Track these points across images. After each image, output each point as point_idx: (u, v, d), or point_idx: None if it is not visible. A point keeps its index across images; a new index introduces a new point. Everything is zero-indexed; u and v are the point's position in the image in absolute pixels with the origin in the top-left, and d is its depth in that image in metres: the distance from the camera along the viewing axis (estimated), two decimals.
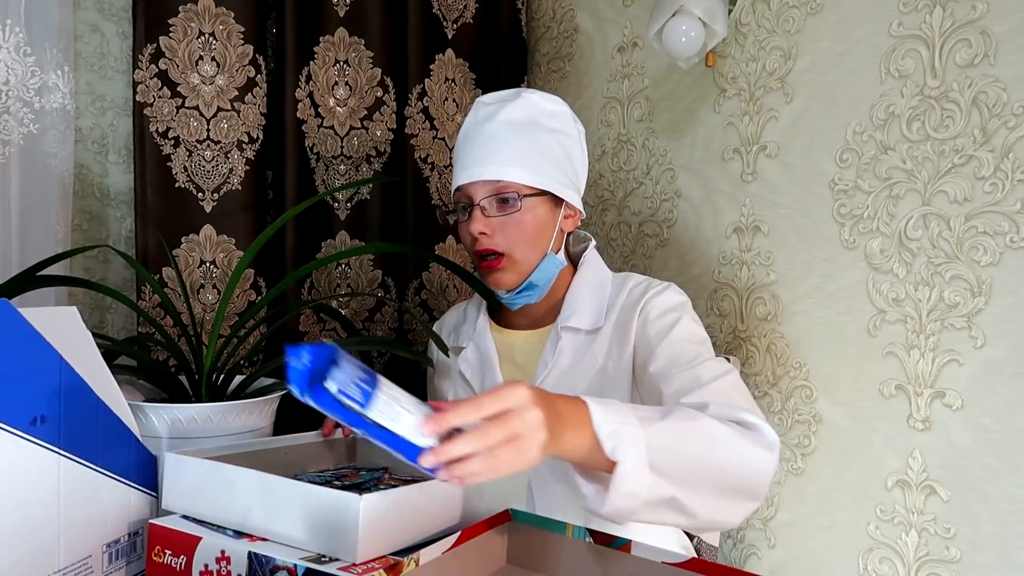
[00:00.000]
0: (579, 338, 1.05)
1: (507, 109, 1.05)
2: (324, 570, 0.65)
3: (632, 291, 1.06)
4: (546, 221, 1.05)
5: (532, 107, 1.05)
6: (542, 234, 1.05)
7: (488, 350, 1.12)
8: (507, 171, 1.02)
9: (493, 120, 1.05)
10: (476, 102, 1.10)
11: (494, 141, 1.04)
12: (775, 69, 1.16)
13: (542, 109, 1.06)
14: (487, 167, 1.03)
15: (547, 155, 1.05)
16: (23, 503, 0.67)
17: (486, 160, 1.03)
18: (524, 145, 1.03)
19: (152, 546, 0.77)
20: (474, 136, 1.06)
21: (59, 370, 0.70)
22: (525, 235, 1.03)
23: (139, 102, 1.27)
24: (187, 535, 0.75)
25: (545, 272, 1.06)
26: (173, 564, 0.76)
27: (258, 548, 0.70)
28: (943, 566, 0.96)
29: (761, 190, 1.18)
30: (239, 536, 0.74)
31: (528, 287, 1.05)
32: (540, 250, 1.05)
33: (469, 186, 1.04)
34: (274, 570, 0.68)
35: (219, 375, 1.08)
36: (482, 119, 1.06)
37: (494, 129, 1.04)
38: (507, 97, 1.07)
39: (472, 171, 1.04)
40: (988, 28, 0.91)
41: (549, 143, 1.05)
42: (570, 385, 1.03)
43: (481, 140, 1.05)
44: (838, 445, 1.08)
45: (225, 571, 0.72)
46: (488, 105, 1.07)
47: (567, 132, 1.07)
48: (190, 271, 1.33)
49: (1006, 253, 0.90)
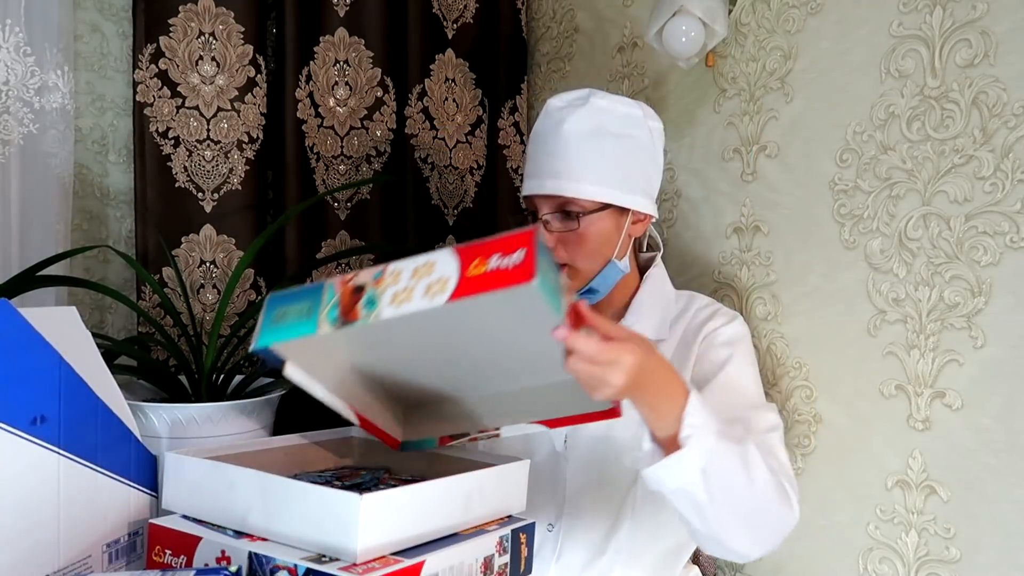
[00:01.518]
0: None
1: (574, 117, 1.02)
2: (325, 570, 0.65)
3: (698, 313, 1.07)
4: (610, 232, 1.04)
5: (600, 113, 1.03)
6: (606, 245, 1.04)
7: None
8: (570, 186, 1.01)
9: (560, 129, 1.03)
10: (547, 103, 1.07)
11: (559, 152, 1.02)
12: (775, 69, 1.16)
13: (611, 114, 1.03)
14: (550, 180, 1.02)
15: (614, 164, 1.03)
16: (23, 503, 0.67)
17: (550, 172, 1.02)
18: (590, 157, 1.01)
19: (152, 546, 0.77)
20: (541, 144, 1.05)
21: (59, 370, 0.70)
22: (587, 248, 1.03)
23: (139, 102, 1.27)
24: (187, 535, 0.75)
25: (607, 278, 1.06)
26: (173, 564, 0.76)
27: (258, 548, 0.70)
28: (943, 566, 0.96)
29: (761, 190, 1.19)
30: (239, 536, 0.74)
31: (588, 291, 1.06)
32: (603, 259, 1.05)
33: (534, 197, 1.05)
34: (274, 570, 0.68)
35: (219, 375, 1.08)
36: (550, 127, 1.04)
37: (560, 139, 1.02)
38: (576, 101, 1.04)
39: (536, 182, 1.04)
40: (988, 28, 0.91)
41: (617, 150, 1.03)
42: None
43: (548, 149, 1.04)
44: (838, 445, 1.08)
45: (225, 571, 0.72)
46: (558, 110, 1.05)
47: (637, 136, 1.04)
48: (190, 271, 1.33)
49: (1006, 253, 0.90)
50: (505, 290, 0.63)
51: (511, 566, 0.83)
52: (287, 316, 0.75)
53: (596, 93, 1.05)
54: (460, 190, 1.61)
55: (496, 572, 0.81)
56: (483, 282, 0.65)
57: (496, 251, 0.66)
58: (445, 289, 0.66)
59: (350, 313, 0.71)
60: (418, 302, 0.67)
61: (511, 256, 0.65)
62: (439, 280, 0.67)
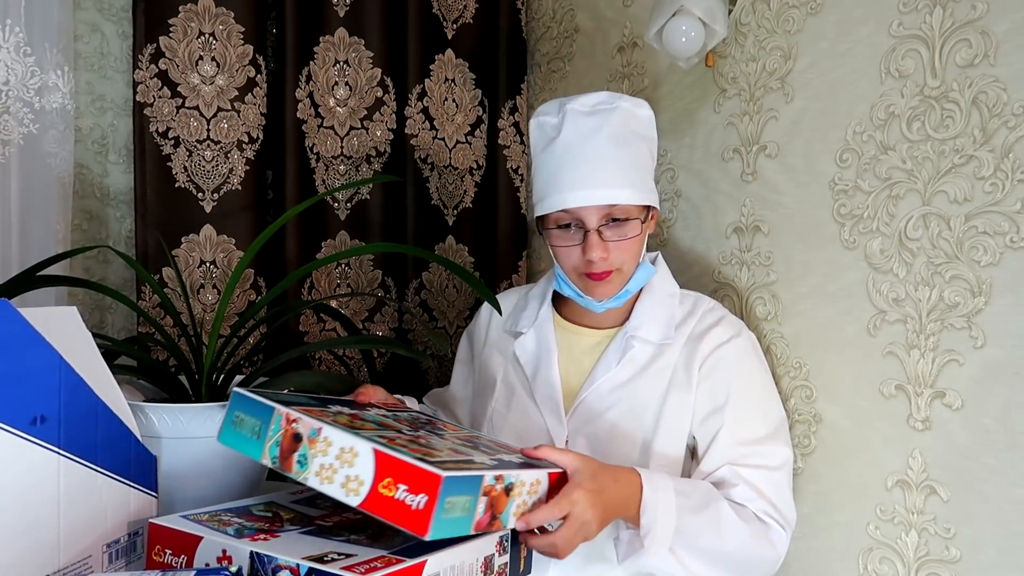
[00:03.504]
0: (648, 350, 1.07)
1: (610, 123, 1.02)
2: (327, 570, 0.65)
3: (704, 317, 1.08)
4: (644, 233, 1.07)
5: (630, 117, 1.04)
6: (642, 246, 1.07)
7: (549, 342, 1.14)
8: (620, 193, 1.01)
9: (598, 136, 1.01)
10: (567, 111, 1.05)
11: (604, 160, 1.01)
12: (775, 69, 1.16)
13: (637, 118, 1.05)
14: (599, 190, 1.01)
15: (644, 166, 1.06)
16: (23, 503, 0.67)
17: (597, 182, 1.01)
18: (628, 162, 1.03)
19: (152, 545, 0.77)
20: (576, 152, 1.03)
21: (59, 370, 0.70)
22: (633, 252, 1.05)
23: (139, 102, 1.27)
24: (188, 535, 0.75)
25: (638, 280, 1.08)
26: (174, 564, 0.75)
27: (260, 548, 0.71)
28: (943, 566, 0.96)
29: (761, 190, 1.19)
30: (240, 536, 0.74)
31: (624, 294, 1.07)
32: (638, 260, 1.07)
33: (580, 210, 1.02)
34: (276, 570, 0.68)
35: (219, 375, 1.08)
36: (584, 134, 1.03)
37: (598, 146, 1.01)
38: (603, 107, 1.03)
39: (582, 194, 1.01)
40: (988, 28, 0.91)
41: (644, 153, 1.06)
42: (630, 396, 1.06)
43: (586, 158, 1.02)
44: (838, 445, 1.08)
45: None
46: (588, 116, 1.03)
47: (653, 137, 1.08)
48: (190, 271, 1.33)
49: (1006, 253, 0.90)
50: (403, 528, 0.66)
51: (511, 566, 0.83)
52: (243, 425, 0.79)
53: (617, 96, 1.05)
54: (460, 190, 1.61)
55: (496, 572, 0.81)
56: (387, 508, 0.67)
57: (405, 481, 0.67)
58: (359, 492, 0.69)
59: (286, 460, 0.75)
60: (337, 490, 0.70)
61: (416, 497, 0.67)
62: (356, 478, 0.70)
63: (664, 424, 1.03)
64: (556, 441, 1.07)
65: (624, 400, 1.06)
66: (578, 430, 1.07)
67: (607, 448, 1.04)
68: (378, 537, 0.77)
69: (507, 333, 1.20)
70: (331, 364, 1.46)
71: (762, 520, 0.99)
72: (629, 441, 1.04)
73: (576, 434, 1.07)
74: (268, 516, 0.84)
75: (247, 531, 0.77)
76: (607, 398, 1.06)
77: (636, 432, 1.04)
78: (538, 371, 1.13)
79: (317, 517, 0.85)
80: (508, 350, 1.18)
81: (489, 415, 1.17)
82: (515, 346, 1.16)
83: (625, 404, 1.05)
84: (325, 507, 0.89)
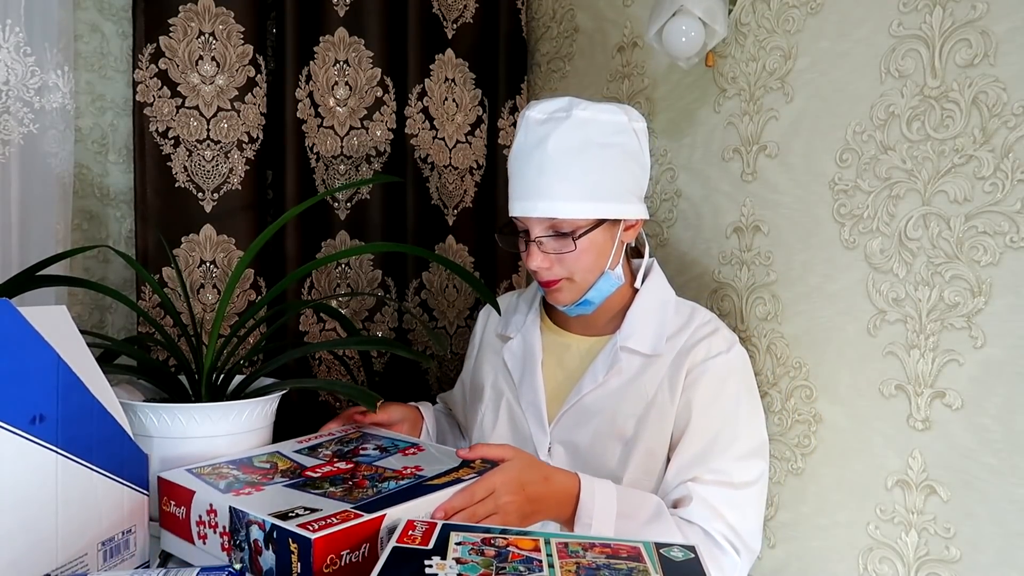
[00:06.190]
0: (636, 361, 1.05)
1: (558, 133, 0.98)
2: (284, 526, 0.70)
3: (698, 330, 1.05)
4: (604, 244, 1.03)
5: (584, 125, 0.99)
6: (600, 257, 1.03)
7: (533, 347, 1.13)
8: (562, 206, 0.98)
9: (544, 146, 0.98)
10: (525, 117, 1.03)
11: (546, 172, 0.98)
12: (775, 69, 1.16)
13: (595, 124, 0.99)
14: (540, 202, 0.99)
15: (604, 176, 1.00)
16: (22, 502, 0.67)
17: (539, 194, 0.99)
18: (578, 174, 0.98)
19: (162, 497, 0.87)
20: (525, 161, 1.01)
21: (57, 369, 0.70)
22: (582, 264, 1.02)
23: (139, 102, 1.27)
24: (185, 488, 0.83)
25: (600, 290, 1.05)
26: (177, 513, 0.85)
27: (237, 503, 0.77)
28: (943, 566, 0.96)
29: (761, 190, 1.18)
30: (228, 490, 0.81)
31: (584, 303, 1.06)
32: (599, 271, 1.04)
33: (524, 219, 1.02)
34: (248, 524, 0.75)
35: (219, 375, 1.08)
36: (534, 143, 1.00)
37: (546, 158, 0.98)
38: (558, 115, 1.00)
39: (525, 204, 1.00)
40: (988, 28, 0.91)
41: (605, 162, 1.00)
42: (615, 406, 1.04)
43: (532, 168, 1.00)
44: (838, 445, 1.08)
45: (214, 523, 0.79)
46: (539, 124, 1.01)
47: (624, 143, 1.02)
48: (190, 271, 1.33)
49: (1006, 253, 0.90)
50: None
51: None
52: None
53: (576, 103, 1.01)
54: (460, 190, 1.61)
55: None
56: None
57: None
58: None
59: None
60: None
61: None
62: None
63: (645, 436, 1.02)
64: (539, 449, 1.07)
65: (608, 411, 1.04)
66: (560, 439, 1.06)
67: (587, 458, 1.03)
68: (352, 490, 0.81)
69: (498, 337, 1.20)
70: (331, 364, 1.46)
71: (714, 542, 0.95)
72: (609, 452, 1.03)
73: (558, 443, 1.06)
74: (265, 468, 0.91)
75: (236, 485, 0.83)
76: (591, 408, 1.05)
77: (617, 443, 1.03)
78: (523, 377, 1.12)
79: (309, 468, 0.90)
80: (499, 354, 1.18)
81: (479, 420, 1.16)
82: (504, 351, 1.16)
83: (608, 415, 1.04)
84: (323, 457, 0.95)
